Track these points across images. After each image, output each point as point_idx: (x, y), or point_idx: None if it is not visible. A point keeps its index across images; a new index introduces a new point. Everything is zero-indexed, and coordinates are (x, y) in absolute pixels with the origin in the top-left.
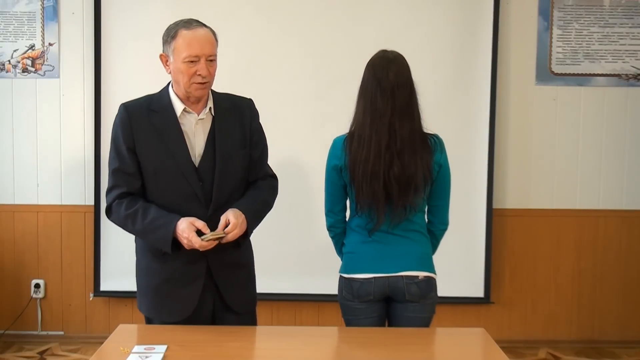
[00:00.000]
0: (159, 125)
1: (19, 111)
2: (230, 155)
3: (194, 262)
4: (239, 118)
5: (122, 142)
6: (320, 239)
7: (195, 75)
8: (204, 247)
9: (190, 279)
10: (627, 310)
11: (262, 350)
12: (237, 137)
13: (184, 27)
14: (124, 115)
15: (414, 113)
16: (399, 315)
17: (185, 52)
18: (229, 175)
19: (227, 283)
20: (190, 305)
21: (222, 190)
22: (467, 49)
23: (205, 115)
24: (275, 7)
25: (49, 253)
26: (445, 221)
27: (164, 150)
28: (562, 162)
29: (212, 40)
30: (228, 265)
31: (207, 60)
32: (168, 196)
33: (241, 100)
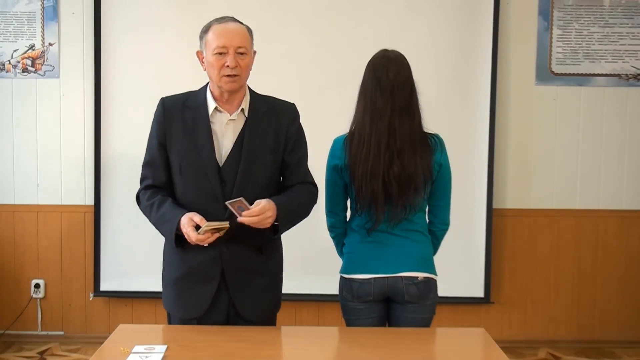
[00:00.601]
0: (190, 122)
1: (19, 111)
2: (256, 159)
3: (210, 262)
4: (275, 122)
5: (155, 136)
6: (320, 239)
7: (224, 67)
8: (199, 240)
9: (206, 279)
10: (627, 310)
11: (262, 350)
12: (268, 142)
13: (217, 21)
14: (159, 110)
15: (414, 112)
16: (398, 316)
17: (214, 44)
18: (252, 179)
19: (239, 289)
20: (203, 304)
21: (243, 194)
22: (467, 49)
23: (236, 116)
24: (275, 7)
25: (49, 253)
26: (446, 221)
27: (191, 147)
28: (562, 162)
29: (242, 33)
30: (243, 270)
31: (236, 53)
32: (190, 193)
33: (282, 103)
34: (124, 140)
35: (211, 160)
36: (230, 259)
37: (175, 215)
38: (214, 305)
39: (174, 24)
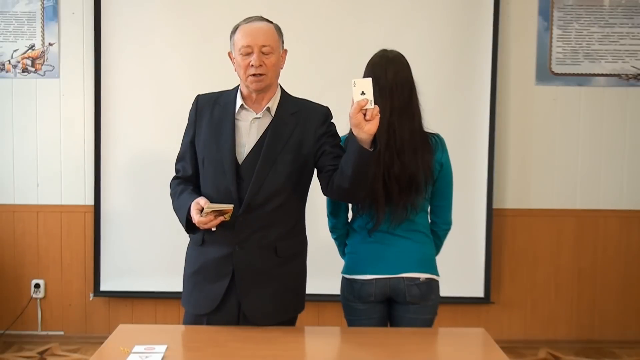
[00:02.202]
0: (217, 117)
1: (19, 111)
2: (275, 160)
3: (223, 260)
4: (303, 123)
5: (187, 132)
6: (320, 239)
7: (249, 66)
8: (201, 222)
9: (217, 276)
10: (627, 310)
11: (262, 350)
12: (292, 143)
13: (244, 21)
14: (193, 107)
15: (414, 112)
16: (400, 317)
17: (240, 43)
18: (269, 179)
19: (247, 290)
20: (212, 302)
21: (258, 193)
22: (467, 49)
23: (262, 114)
24: (275, 8)
25: (49, 253)
26: (448, 221)
27: (214, 142)
28: (562, 162)
29: (267, 32)
30: (253, 272)
31: (261, 52)
32: (209, 187)
33: (313, 106)
34: (124, 140)
35: (230, 156)
36: (242, 258)
37: (188, 201)
38: (223, 305)
39: (174, 24)
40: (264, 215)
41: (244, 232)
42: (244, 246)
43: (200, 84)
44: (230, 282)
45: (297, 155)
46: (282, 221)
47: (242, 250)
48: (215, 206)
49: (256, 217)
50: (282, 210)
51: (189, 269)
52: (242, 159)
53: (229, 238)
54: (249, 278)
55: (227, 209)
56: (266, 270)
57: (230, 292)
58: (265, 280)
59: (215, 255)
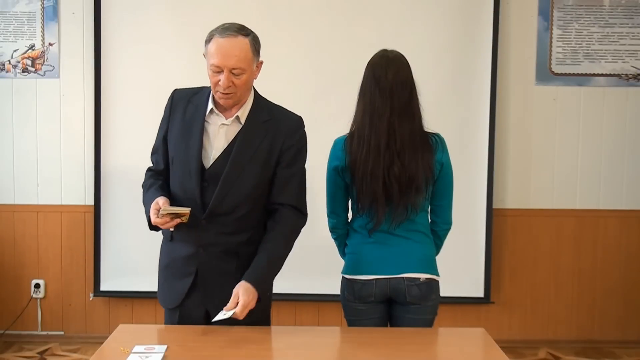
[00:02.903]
0: (189, 117)
1: (19, 111)
2: (243, 170)
3: (188, 259)
4: (272, 133)
5: (161, 126)
6: (320, 239)
7: (217, 84)
8: (157, 223)
9: (182, 274)
10: (627, 310)
11: (261, 350)
12: (259, 153)
13: (219, 33)
14: (168, 101)
15: (414, 112)
16: (400, 317)
17: (211, 60)
18: (234, 188)
19: (211, 290)
20: (177, 297)
21: (222, 201)
22: (467, 49)
23: (230, 122)
24: (275, 8)
25: (49, 253)
26: (448, 221)
27: (183, 143)
28: (562, 162)
29: (241, 52)
30: (216, 273)
31: (231, 72)
32: (176, 187)
33: (285, 115)
34: (124, 140)
35: (197, 159)
36: (205, 260)
37: (152, 199)
38: (187, 301)
39: (174, 24)
40: (227, 223)
41: (207, 236)
42: (207, 249)
43: (200, 84)
44: (194, 280)
45: (265, 167)
46: (245, 229)
47: (205, 252)
48: (171, 209)
49: (219, 223)
50: (245, 219)
51: (162, 262)
52: (208, 163)
53: (193, 239)
54: (212, 279)
55: (183, 212)
56: (229, 272)
57: (194, 290)
58: (228, 281)
59: (181, 253)
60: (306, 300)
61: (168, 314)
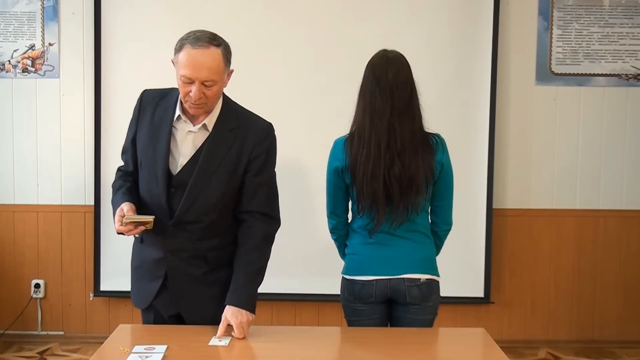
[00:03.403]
0: (157, 121)
1: (19, 111)
2: (209, 178)
3: (157, 262)
4: (240, 141)
5: (130, 128)
6: (320, 239)
7: (188, 95)
8: (120, 230)
9: (152, 276)
10: (627, 310)
11: (262, 350)
12: (227, 162)
13: (191, 43)
14: (137, 102)
15: (415, 113)
16: (400, 317)
17: (181, 71)
18: (201, 198)
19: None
20: (147, 299)
21: (189, 210)
22: (467, 49)
23: (197, 129)
24: (275, 8)
25: (49, 253)
26: (449, 221)
27: (151, 147)
28: (562, 162)
29: (213, 64)
30: (185, 277)
31: (202, 84)
32: (144, 190)
33: (254, 122)
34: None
35: (164, 165)
36: (174, 264)
37: (119, 203)
38: (157, 302)
39: (174, 24)
40: (194, 230)
41: (175, 241)
42: (175, 254)
43: None
44: (163, 282)
45: (232, 176)
46: (213, 236)
47: (174, 257)
48: (134, 217)
49: (186, 230)
50: (213, 226)
51: (133, 263)
52: (176, 170)
53: (161, 244)
54: (181, 282)
55: (146, 220)
56: (198, 277)
57: (163, 292)
58: (198, 285)
59: (151, 256)
60: (306, 300)
61: (143, 314)
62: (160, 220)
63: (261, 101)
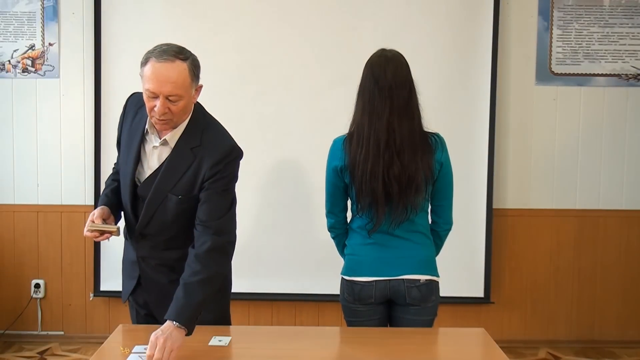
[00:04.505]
0: (133, 128)
1: (19, 111)
2: (165, 197)
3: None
4: (199, 161)
5: (118, 128)
6: (320, 239)
7: (153, 110)
8: (86, 236)
9: (131, 275)
10: (627, 310)
11: (262, 350)
12: (183, 181)
13: (156, 57)
14: (124, 105)
15: (414, 112)
16: (400, 318)
17: (146, 85)
18: (157, 214)
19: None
20: (126, 294)
21: (148, 225)
22: (467, 49)
23: (160, 144)
24: (274, 8)
25: (49, 253)
26: (449, 221)
27: (125, 156)
28: (562, 162)
29: (178, 78)
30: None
31: (167, 99)
32: (122, 195)
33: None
34: None
35: (130, 177)
36: (144, 269)
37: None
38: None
39: (174, 24)
40: (157, 242)
41: (142, 249)
42: (144, 260)
43: None
44: (137, 283)
45: (186, 196)
46: (178, 246)
47: (144, 262)
48: (98, 226)
49: (150, 242)
50: (174, 240)
51: (123, 258)
52: (142, 179)
53: (134, 248)
54: (151, 285)
55: (111, 229)
56: (164, 283)
57: (137, 289)
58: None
59: (129, 257)
60: (306, 300)
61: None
62: (131, 226)
63: (261, 101)
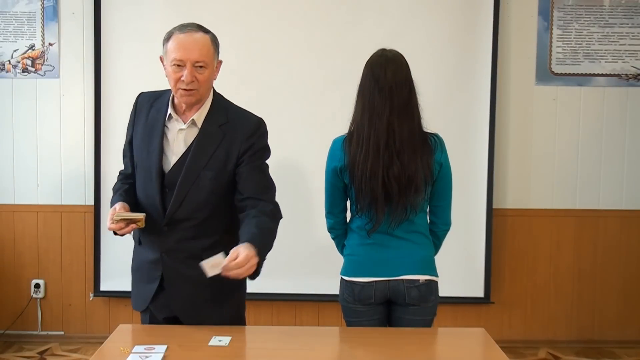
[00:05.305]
0: (151, 122)
1: (19, 111)
2: (198, 176)
3: (153, 263)
4: (230, 137)
5: (127, 131)
6: (320, 239)
7: (180, 80)
8: (111, 229)
9: (149, 278)
10: (627, 310)
11: (262, 350)
12: (215, 158)
13: (179, 30)
14: (133, 106)
15: (414, 112)
16: (400, 318)
17: (172, 55)
18: (190, 194)
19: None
20: (144, 301)
21: (179, 208)
22: (467, 49)
23: (187, 126)
24: (275, 8)
25: (49, 253)
26: (447, 221)
27: (145, 148)
28: (562, 162)
29: (203, 46)
30: (182, 278)
31: (194, 67)
32: (140, 191)
33: (244, 117)
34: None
35: (157, 165)
36: (170, 265)
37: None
38: (154, 305)
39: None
40: (187, 228)
41: (169, 242)
42: (170, 254)
43: None
44: (160, 284)
45: (220, 172)
46: (208, 234)
47: (169, 257)
48: (125, 215)
49: (180, 229)
50: (206, 224)
51: (133, 265)
52: (168, 168)
53: (157, 244)
54: (177, 283)
55: (136, 218)
56: (193, 278)
57: (159, 295)
58: (196, 286)
59: (148, 257)
60: (306, 300)
61: (142, 315)
62: (155, 221)
63: (261, 100)
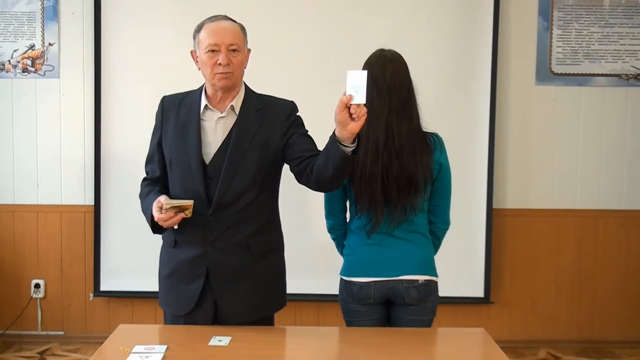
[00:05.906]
0: (183, 118)
1: (19, 111)
2: (242, 158)
3: (196, 260)
4: (268, 120)
5: (154, 134)
6: (320, 239)
7: (216, 65)
8: (161, 219)
9: (192, 277)
10: (627, 310)
11: (262, 350)
12: (257, 140)
13: (209, 20)
14: (159, 108)
15: (412, 113)
16: (399, 318)
17: (207, 42)
18: (237, 177)
19: (223, 289)
20: (189, 302)
21: (226, 192)
22: (467, 49)
23: (226, 113)
24: (274, 8)
25: (49, 253)
26: (446, 221)
27: (181, 143)
28: (562, 162)
29: (235, 31)
30: (228, 270)
31: (228, 50)
32: (177, 188)
33: (278, 101)
34: (124, 140)
35: (197, 157)
36: (215, 258)
37: (152, 201)
38: (200, 305)
39: (174, 24)
40: (234, 214)
41: (215, 231)
42: (215, 245)
43: (200, 84)
44: (205, 282)
45: (264, 153)
46: (253, 218)
47: (214, 249)
48: (174, 202)
49: (226, 215)
50: (252, 208)
51: (163, 271)
52: (209, 159)
53: (201, 238)
54: (223, 276)
55: (186, 204)
56: (240, 268)
57: (206, 292)
58: (240, 277)
59: (188, 256)
60: (306, 300)
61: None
62: (198, 212)
63: None
